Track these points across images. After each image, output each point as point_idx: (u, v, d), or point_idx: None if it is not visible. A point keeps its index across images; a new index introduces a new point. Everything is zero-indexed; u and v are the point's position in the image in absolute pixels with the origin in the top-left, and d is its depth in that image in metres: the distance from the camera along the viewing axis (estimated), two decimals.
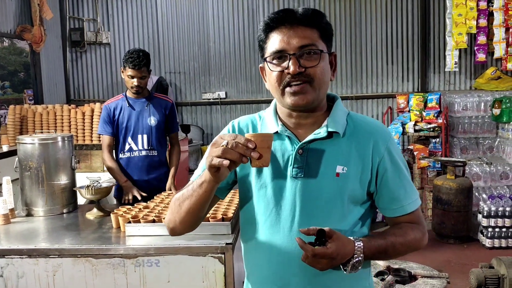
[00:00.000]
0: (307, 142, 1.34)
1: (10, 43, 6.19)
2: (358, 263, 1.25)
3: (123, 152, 3.41)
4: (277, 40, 1.31)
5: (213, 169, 1.20)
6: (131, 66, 3.26)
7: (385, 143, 1.36)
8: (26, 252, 2.32)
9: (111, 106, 3.42)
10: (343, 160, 1.33)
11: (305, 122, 1.37)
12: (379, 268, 3.05)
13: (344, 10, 6.90)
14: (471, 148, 6.06)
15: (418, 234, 1.39)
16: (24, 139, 2.92)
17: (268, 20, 1.33)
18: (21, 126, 5.24)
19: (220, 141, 1.19)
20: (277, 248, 1.34)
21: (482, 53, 6.27)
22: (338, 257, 1.22)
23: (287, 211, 1.33)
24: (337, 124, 1.35)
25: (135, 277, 2.27)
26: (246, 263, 1.47)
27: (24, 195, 2.94)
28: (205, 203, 1.32)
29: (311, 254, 1.20)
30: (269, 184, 1.35)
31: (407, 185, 1.39)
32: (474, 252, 4.84)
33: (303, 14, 1.31)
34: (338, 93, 7.00)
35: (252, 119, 1.47)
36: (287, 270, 1.34)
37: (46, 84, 6.66)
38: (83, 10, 7.17)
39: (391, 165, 1.36)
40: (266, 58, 1.34)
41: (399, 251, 1.36)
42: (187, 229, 1.40)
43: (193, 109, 7.23)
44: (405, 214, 1.39)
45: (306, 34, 1.30)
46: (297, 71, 1.27)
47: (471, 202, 5.13)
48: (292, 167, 1.33)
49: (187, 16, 7.11)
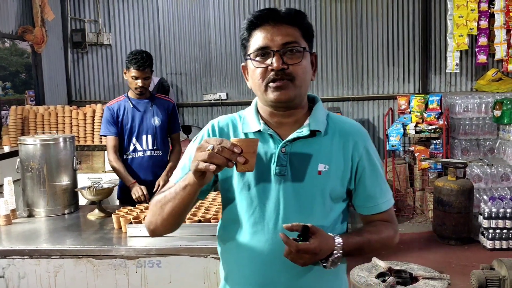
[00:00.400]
0: (289, 140, 1.37)
1: (12, 44, 6.20)
2: (338, 259, 1.28)
3: (128, 153, 3.42)
4: (260, 37, 1.33)
5: (199, 173, 1.21)
6: (135, 67, 3.27)
7: (363, 143, 1.41)
8: (28, 252, 2.33)
9: (114, 107, 3.42)
10: (325, 158, 1.36)
11: (287, 121, 1.40)
12: (380, 270, 3.05)
13: (345, 11, 6.90)
14: (472, 150, 6.06)
15: (391, 232, 1.44)
16: (26, 140, 2.93)
17: (252, 18, 1.36)
18: (22, 127, 5.25)
19: (205, 145, 1.20)
20: (260, 246, 1.35)
21: (483, 54, 6.28)
22: (320, 253, 1.24)
23: (271, 209, 1.35)
24: (319, 123, 1.39)
25: (137, 278, 2.28)
26: (225, 264, 1.46)
27: (25, 195, 2.95)
28: (188, 205, 1.33)
29: (294, 250, 1.21)
30: (252, 183, 1.36)
31: (383, 184, 1.44)
32: (475, 254, 4.84)
33: (286, 13, 1.35)
34: (339, 94, 7.01)
35: (232, 119, 1.48)
36: (270, 268, 1.35)
37: (47, 85, 6.67)
38: (85, 11, 7.18)
39: (368, 164, 1.41)
40: (249, 55, 1.36)
41: (374, 247, 1.39)
42: (167, 230, 1.41)
43: (194, 110, 7.24)
44: (379, 213, 1.44)
45: (289, 32, 1.33)
46: (281, 67, 1.30)
47: (472, 203, 5.12)
48: (276, 165, 1.35)
49: (188, 18, 7.11)
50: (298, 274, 1.35)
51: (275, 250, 1.32)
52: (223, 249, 1.46)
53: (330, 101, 7.02)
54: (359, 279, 2.91)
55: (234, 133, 1.44)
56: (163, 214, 1.34)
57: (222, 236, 1.46)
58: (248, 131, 1.41)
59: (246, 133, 1.41)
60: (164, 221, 1.36)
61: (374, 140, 7.02)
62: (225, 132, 1.44)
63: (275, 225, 1.34)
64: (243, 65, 1.44)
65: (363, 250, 1.36)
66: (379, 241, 1.39)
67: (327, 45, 6.97)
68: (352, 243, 1.31)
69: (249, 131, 1.41)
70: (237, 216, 1.39)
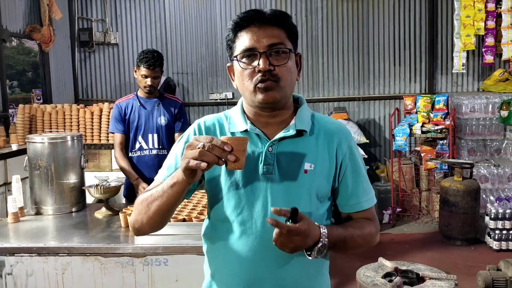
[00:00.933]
0: (276, 140, 1.39)
1: (19, 43, 6.24)
2: (324, 248, 1.28)
3: (134, 150, 3.44)
4: (246, 39, 1.35)
5: (189, 171, 1.22)
6: (145, 66, 3.30)
7: (347, 142, 1.44)
8: (36, 250, 2.34)
9: (122, 104, 3.45)
10: (311, 157, 1.39)
11: (273, 121, 1.42)
12: (387, 270, 3.04)
13: (351, 11, 6.89)
14: (479, 150, 6.04)
15: (373, 229, 1.46)
16: (34, 138, 2.94)
17: (238, 19, 1.38)
18: (30, 125, 5.28)
19: (195, 143, 1.22)
20: (249, 245, 1.36)
21: (490, 54, 6.25)
22: (309, 236, 1.25)
23: (259, 208, 1.36)
24: (304, 123, 1.41)
25: (144, 276, 2.29)
26: (213, 261, 1.47)
27: (33, 193, 2.96)
28: (176, 203, 1.35)
29: (285, 231, 1.21)
30: (240, 182, 1.37)
31: (365, 183, 1.47)
32: (481, 254, 4.82)
33: (271, 15, 1.37)
34: (345, 94, 7.00)
35: (218, 119, 1.49)
36: (259, 266, 1.37)
37: (54, 84, 6.70)
38: (92, 11, 7.21)
39: (351, 163, 1.44)
40: (236, 57, 1.38)
41: (357, 243, 1.40)
42: (153, 229, 1.42)
43: (200, 110, 7.25)
44: (361, 211, 1.46)
45: (274, 33, 1.35)
46: (267, 68, 1.32)
47: (478, 204, 5.11)
48: (263, 165, 1.37)
49: (195, 17, 7.13)
50: (286, 271, 1.37)
51: (263, 248, 1.35)
52: (210, 247, 1.47)
53: (336, 101, 7.01)
54: (366, 279, 2.92)
55: (221, 132, 1.45)
56: (149, 213, 1.35)
57: (209, 234, 1.47)
58: (235, 130, 1.43)
59: (232, 132, 1.43)
60: (150, 220, 1.37)
61: (380, 140, 7.01)
62: (212, 131, 1.46)
63: (263, 224, 1.35)
64: (229, 66, 1.46)
65: (346, 244, 1.36)
66: (362, 236, 1.40)
67: (334, 45, 6.96)
68: (336, 234, 1.33)
69: (235, 131, 1.43)
70: (224, 215, 1.40)
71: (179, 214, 2.42)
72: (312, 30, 6.98)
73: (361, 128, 6.60)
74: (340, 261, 4.41)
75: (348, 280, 4.08)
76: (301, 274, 1.39)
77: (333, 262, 1.91)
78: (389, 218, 5.83)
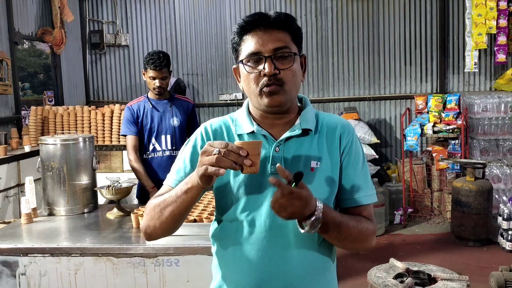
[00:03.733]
0: (282, 140, 1.41)
1: (30, 45, 6.30)
2: (317, 222, 1.25)
3: (147, 152, 3.47)
4: (252, 43, 1.38)
5: (205, 177, 1.24)
6: (152, 67, 3.31)
7: (349, 137, 1.45)
8: (49, 250, 2.37)
9: (134, 107, 3.47)
10: (316, 155, 1.41)
11: (279, 122, 1.44)
12: (398, 270, 3.03)
13: (362, 10, 6.87)
14: (491, 150, 5.98)
15: (370, 226, 1.42)
16: (46, 139, 2.97)
17: (243, 23, 1.40)
18: (42, 127, 5.33)
19: (210, 149, 1.23)
20: (257, 244, 1.38)
21: (502, 53, 6.19)
22: (308, 205, 1.22)
23: (267, 207, 1.37)
24: (309, 122, 1.44)
25: (155, 277, 2.30)
26: (223, 262, 1.48)
27: (46, 194, 2.99)
28: (190, 208, 1.37)
29: (287, 192, 1.19)
30: (248, 182, 1.39)
31: (363, 178, 1.45)
32: (493, 255, 4.78)
33: (276, 18, 1.39)
34: (356, 94, 6.98)
35: (224, 121, 1.51)
36: (268, 264, 1.38)
37: (66, 86, 6.76)
38: (103, 13, 7.26)
39: (352, 157, 1.44)
40: (242, 60, 1.40)
41: (351, 232, 1.36)
42: (166, 234, 1.45)
43: (210, 110, 7.27)
44: (358, 206, 1.43)
45: (279, 37, 1.37)
46: (273, 72, 1.34)
47: (491, 204, 5.06)
48: (270, 164, 1.39)
49: (205, 18, 7.15)
50: (293, 270, 1.38)
51: (272, 248, 1.37)
52: (218, 248, 1.48)
53: (346, 101, 6.99)
54: (377, 280, 2.90)
55: (228, 135, 1.47)
56: (163, 218, 1.37)
57: (217, 235, 1.48)
58: (242, 132, 1.45)
59: (239, 134, 1.45)
60: (163, 225, 1.39)
61: (391, 140, 6.98)
62: (219, 134, 1.47)
63: (271, 223, 1.36)
64: (235, 68, 1.49)
65: (340, 229, 1.33)
66: (357, 228, 1.37)
67: (344, 45, 6.94)
68: (331, 215, 1.30)
69: (242, 133, 1.44)
70: (233, 215, 1.41)
71: (190, 215, 2.44)
72: (322, 30, 6.97)
73: (372, 128, 6.57)
74: (351, 261, 4.40)
75: (359, 281, 4.06)
76: (308, 272, 1.40)
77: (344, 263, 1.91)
78: (400, 218, 5.80)
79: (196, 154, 1.44)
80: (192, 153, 1.46)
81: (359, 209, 1.43)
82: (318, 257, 1.41)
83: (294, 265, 1.38)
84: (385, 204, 5.58)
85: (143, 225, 1.44)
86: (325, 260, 1.44)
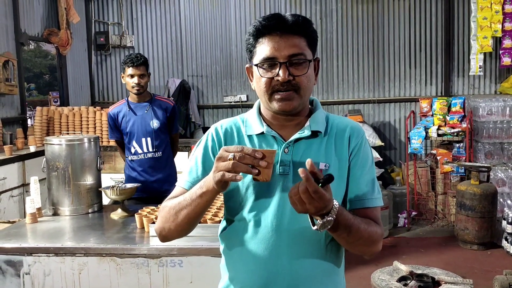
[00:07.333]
0: (292, 141, 1.41)
1: (36, 46, 6.33)
2: (329, 223, 1.23)
3: (130, 155, 3.54)
4: (268, 47, 1.37)
5: (222, 183, 1.25)
6: (129, 64, 3.38)
7: (358, 139, 1.45)
8: (53, 250, 2.37)
9: (114, 112, 3.55)
10: (325, 156, 1.41)
11: (289, 124, 1.45)
12: (402, 273, 3.02)
13: (367, 12, 6.87)
14: (496, 153, 5.96)
15: (378, 230, 1.42)
16: (51, 140, 2.98)
17: (260, 26, 1.39)
18: (47, 127, 5.35)
19: (225, 154, 1.24)
20: (265, 243, 1.38)
21: (507, 57, 6.17)
22: (327, 207, 1.20)
23: (275, 207, 1.37)
24: (319, 124, 1.44)
25: (158, 277, 2.31)
26: (230, 261, 1.48)
27: (51, 194, 3.00)
28: (205, 211, 1.38)
29: (312, 190, 1.15)
30: (256, 183, 1.38)
31: (371, 180, 1.45)
32: (498, 259, 4.76)
33: (293, 22, 1.37)
34: (360, 96, 6.98)
35: (234, 122, 1.51)
36: (275, 263, 1.38)
37: (71, 87, 6.79)
38: (108, 14, 7.29)
39: (360, 159, 1.44)
40: (257, 64, 1.39)
41: (360, 235, 1.34)
42: (180, 236, 1.46)
43: (215, 112, 7.29)
44: (365, 208, 1.42)
45: (295, 43, 1.36)
46: (287, 79, 1.34)
47: (495, 208, 5.04)
48: (279, 165, 1.39)
49: (210, 20, 7.17)
50: (301, 268, 1.39)
51: (279, 247, 1.37)
52: (226, 247, 1.49)
53: (351, 104, 6.99)
54: (381, 283, 2.90)
55: (238, 136, 1.47)
56: (178, 221, 1.38)
57: (225, 234, 1.49)
58: (252, 133, 1.45)
59: (249, 135, 1.45)
60: (178, 227, 1.40)
61: (395, 143, 6.97)
62: (229, 135, 1.48)
63: (279, 223, 1.37)
64: (248, 67, 1.48)
65: (350, 231, 1.31)
66: (367, 231, 1.35)
67: (349, 47, 6.94)
68: (345, 217, 1.28)
69: (252, 134, 1.45)
70: (241, 215, 1.42)
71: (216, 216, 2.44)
72: (327, 32, 6.97)
73: (376, 131, 6.57)
74: (355, 264, 4.39)
75: (363, 284, 4.06)
76: (316, 271, 1.41)
77: (348, 265, 1.91)
78: (404, 221, 5.79)
79: (208, 155, 1.45)
80: (204, 154, 1.47)
81: (365, 211, 1.43)
82: (325, 259, 1.42)
83: (300, 266, 1.39)
84: (389, 207, 5.57)
85: (158, 227, 1.45)
86: (332, 262, 1.44)
